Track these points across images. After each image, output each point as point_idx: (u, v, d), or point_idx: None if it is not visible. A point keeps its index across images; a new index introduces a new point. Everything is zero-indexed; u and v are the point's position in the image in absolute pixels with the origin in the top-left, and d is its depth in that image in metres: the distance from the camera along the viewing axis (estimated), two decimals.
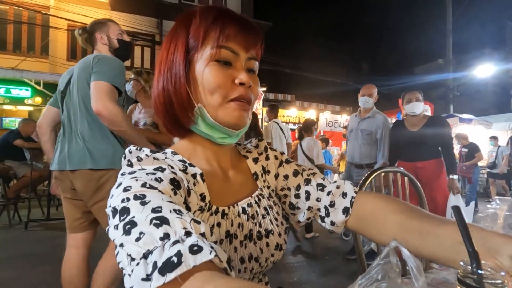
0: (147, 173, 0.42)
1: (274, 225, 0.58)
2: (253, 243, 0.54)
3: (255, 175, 0.62)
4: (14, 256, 2.69)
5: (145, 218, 0.33)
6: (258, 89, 0.55)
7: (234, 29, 0.50)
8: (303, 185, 0.63)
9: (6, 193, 3.78)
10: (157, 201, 0.36)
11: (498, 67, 9.45)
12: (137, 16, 9.43)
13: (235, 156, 0.62)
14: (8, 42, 7.80)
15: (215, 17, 0.50)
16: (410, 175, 1.17)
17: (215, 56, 0.49)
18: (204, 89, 0.50)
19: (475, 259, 0.29)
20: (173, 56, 0.52)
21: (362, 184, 1.02)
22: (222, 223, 0.51)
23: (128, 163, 0.46)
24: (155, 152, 0.51)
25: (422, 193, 1.16)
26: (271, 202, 0.61)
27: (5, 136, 4.14)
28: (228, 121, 0.50)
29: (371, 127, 2.75)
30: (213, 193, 0.52)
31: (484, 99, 14.12)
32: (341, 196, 0.59)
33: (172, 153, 0.54)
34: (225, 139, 0.53)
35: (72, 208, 1.46)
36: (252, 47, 0.53)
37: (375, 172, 1.08)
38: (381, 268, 0.42)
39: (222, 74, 0.49)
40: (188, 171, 0.51)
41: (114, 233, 0.34)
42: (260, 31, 0.54)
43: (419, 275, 0.38)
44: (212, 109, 0.50)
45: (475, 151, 5.19)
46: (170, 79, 0.52)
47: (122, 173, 0.44)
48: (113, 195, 0.39)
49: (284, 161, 0.67)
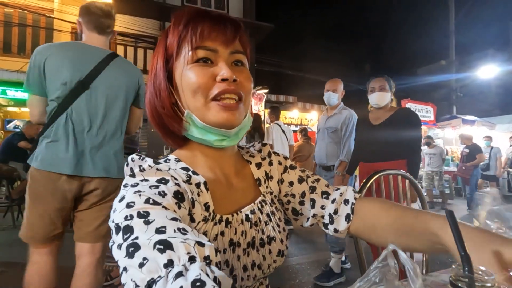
0: (150, 186, 0.41)
1: (277, 232, 0.58)
2: (256, 250, 0.54)
3: (258, 181, 0.61)
4: (18, 256, 2.71)
5: (148, 242, 0.33)
6: (248, 83, 0.52)
7: (208, 27, 0.49)
8: (308, 193, 0.63)
9: (11, 194, 3.81)
10: (161, 220, 0.36)
11: (501, 68, 9.42)
12: (139, 18, 9.49)
13: (238, 161, 0.61)
14: (13, 44, 7.88)
15: (187, 20, 0.50)
16: (411, 178, 1.17)
17: (192, 58, 0.48)
18: (186, 93, 0.49)
19: (467, 262, 0.30)
20: (156, 69, 0.52)
21: (362, 187, 1.03)
22: (225, 231, 0.50)
23: (131, 173, 0.46)
24: (158, 162, 0.50)
25: (423, 196, 1.16)
26: (274, 208, 0.60)
27: (9, 138, 4.20)
28: (216, 122, 0.49)
29: (336, 124, 2.50)
30: (217, 201, 0.52)
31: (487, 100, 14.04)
32: (343, 203, 0.61)
33: (175, 160, 0.53)
34: (222, 142, 0.51)
35: (56, 217, 1.28)
36: (231, 41, 0.51)
37: (375, 175, 1.08)
38: (379, 271, 0.43)
39: (201, 74, 0.48)
40: (191, 181, 0.50)
41: (117, 253, 0.34)
42: (237, 22, 0.52)
43: (416, 278, 0.39)
44: (199, 112, 0.49)
45: (477, 152, 5.16)
46: (154, 93, 0.52)
47: (124, 185, 0.43)
48: (116, 209, 0.38)
49: (288, 167, 0.66)
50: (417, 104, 6.86)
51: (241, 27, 0.53)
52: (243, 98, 0.51)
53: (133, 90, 1.46)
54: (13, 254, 2.76)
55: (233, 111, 0.49)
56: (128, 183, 0.43)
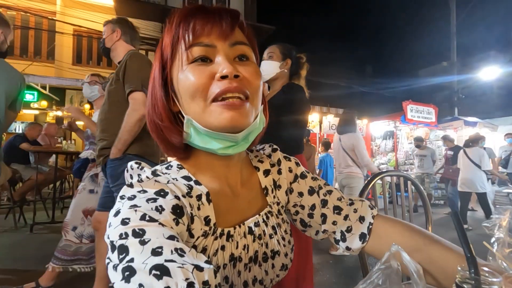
0: (148, 200, 0.38)
1: (281, 245, 0.55)
2: (258, 265, 0.51)
3: (265, 190, 0.56)
4: (19, 258, 2.71)
5: (144, 266, 0.31)
6: (255, 79, 0.46)
7: (200, 22, 0.44)
8: (319, 207, 0.58)
9: (12, 196, 3.82)
10: (157, 239, 0.34)
11: (503, 69, 9.39)
12: (141, 20, 9.52)
13: (246, 167, 0.56)
14: (16, 47, 7.92)
15: (179, 19, 0.45)
16: (412, 179, 1.17)
17: (188, 58, 0.44)
18: (185, 98, 0.44)
19: (473, 264, 0.30)
20: (153, 77, 0.48)
21: (364, 188, 1.02)
22: (226, 246, 0.47)
23: (129, 182, 0.43)
24: (157, 174, 0.46)
25: (425, 197, 1.15)
26: (280, 219, 0.57)
27: (11, 140, 4.21)
28: (219, 125, 0.43)
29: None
30: (219, 213, 0.48)
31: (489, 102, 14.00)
32: (358, 221, 0.56)
33: (178, 167, 0.49)
34: (228, 149, 0.45)
35: None
36: (230, 32, 0.45)
37: (377, 177, 1.07)
38: (382, 273, 0.42)
39: (198, 74, 0.43)
40: (192, 193, 0.45)
41: (113, 275, 0.33)
42: (234, 11, 0.47)
43: (419, 280, 0.38)
44: (200, 117, 0.44)
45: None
46: (151, 104, 0.48)
47: (121, 196, 0.40)
48: (111, 224, 0.36)
49: (299, 175, 0.61)
50: (418, 105, 6.83)
51: (239, 15, 0.47)
52: (250, 96, 0.44)
53: (14, 94, 1.46)
54: (15, 256, 2.76)
55: (238, 110, 0.43)
56: (125, 194, 0.40)
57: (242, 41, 0.47)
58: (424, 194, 1.15)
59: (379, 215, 0.57)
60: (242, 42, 0.46)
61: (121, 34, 1.68)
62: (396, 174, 1.19)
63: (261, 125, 0.50)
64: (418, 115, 6.79)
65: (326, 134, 6.53)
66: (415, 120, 6.71)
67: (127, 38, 1.70)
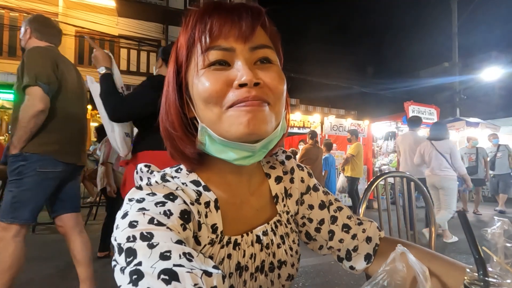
0: (156, 203, 0.38)
1: (289, 255, 0.53)
2: (264, 275, 0.50)
3: (275, 198, 0.54)
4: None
5: (152, 271, 0.31)
6: (278, 83, 0.41)
7: (218, 22, 0.40)
8: (327, 222, 0.57)
9: None
10: (165, 243, 0.33)
11: (505, 70, 9.36)
12: (143, 22, 9.55)
13: (257, 174, 0.53)
14: (18, 48, 7.95)
15: (195, 19, 0.42)
16: (415, 180, 1.16)
17: (204, 62, 0.40)
18: (199, 105, 0.42)
19: (482, 266, 0.29)
20: (167, 81, 0.46)
21: (367, 189, 1.02)
22: (233, 254, 0.46)
23: (137, 185, 0.42)
24: (166, 179, 0.44)
25: (428, 198, 1.15)
26: (289, 229, 0.55)
27: None
28: (236, 132, 0.39)
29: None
30: (227, 220, 0.46)
31: (491, 102, 13.95)
32: (365, 241, 0.56)
33: (188, 171, 0.47)
34: (244, 160, 0.42)
35: None
36: (250, 34, 0.40)
37: (379, 178, 1.07)
38: (387, 274, 0.42)
39: (214, 80, 0.39)
40: (201, 200, 0.44)
41: (120, 278, 0.32)
42: (257, 8, 0.43)
43: (425, 281, 0.38)
44: (215, 125, 0.41)
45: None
46: (165, 109, 0.45)
47: (129, 199, 0.39)
48: (118, 226, 0.36)
49: (312, 187, 0.59)
50: (420, 106, 6.81)
51: (262, 14, 0.43)
52: (272, 103, 0.41)
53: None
54: None
55: (257, 112, 0.39)
56: (133, 197, 0.39)
57: (264, 43, 0.43)
58: (427, 195, 1.14)
59: (386, 237, 0.58)
60: (264, 45, 0.42)
61: (31, 32, 1.66)
62: (399, 175, 1.18)
63: (282, 133, 0.46)
64: (420, 116, 6.78)
65: (328, 135, 6.52)
66: None
67: (38, 35, 1.67)
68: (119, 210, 0.39)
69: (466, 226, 0.33)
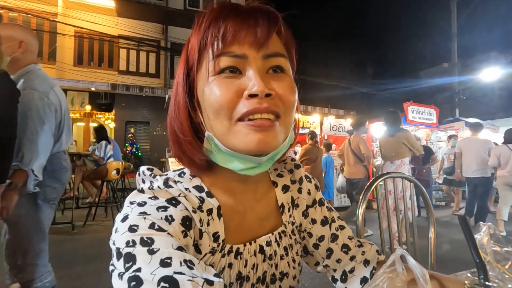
0: (158, 208, 0.37)
1: (291, 267, 0.52)
2: (265, 286, 0.49)
3: (281, 208, 0.53)
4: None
5: (152, 278, 0.30)
6: (289, 95, 0.40)
7: (232, 26, 0.39)
8: (327, 239, 0.56)
9: None
10: (166, 249, 0.32)
11: (504, 70, 9.37)
12: (142, 22, 9.55)
13: (263, 182, 0.52)
14: None
15: (208, 22, 0.40)
16: (415, 180, 1.16)
17: (215, 69, 0.39)
18: (209, 114, 0.40)
19: (483, 270, 0.29)
20: (176, 83, 0.44)
21: (367, 189, 1.02)
22: (234, 263, 0.45)
23: (139, 188, 0.41)
24: (169, 185, 0.43)
25: (427, 199, 1.14)
26: (293, 240, 0.53)
27: None
28: (244, 148, 0.39)
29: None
30: (230, 228, 0.45)
31: (490, 103, 13.97)
32: (362, 263, 0.55)
33: (191, 175, 0.46)
34: (250, 171, 0.42)
35: None
36: (264, 41, 0.39)
37: (379, 179, 1.07)
38: (386, 277, 0.41)
39: (224, 89, 0.38)
40: (203, 207, 0.43)
41: (118, 284, 0.31)
42: (272, 13, 0.41)
43: (425, 284, 0.37)
44: (223, 138, 0.40)
45: (430, 154, 5.10)
46: (174, 113, 0.44)
47: (131, 202, 0.38)
48: (118, 229, 0.35)
49: (318, 201, 0.58)
50: (419, 106, 6.81)
51: (279, 20, 0.41)
52: (282, 115, 0.40)
53: None
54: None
55: (267, 132, 0.38)
56: (135, 200, 0.38)
57: (278, 52, 0.41)
58: (426, 196, 1.14)
59: (384, 261, 0.57)
60: (278, 53, 0.41)
61: None
62: (398, 176, 1.18)
63: (289, 144, 0.45)
64: (419, 116, 6.77)
65: (327, 135, 6.52)
66: (416, 121, 6.68)
67: None
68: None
69: (467, 230, 0.32)
